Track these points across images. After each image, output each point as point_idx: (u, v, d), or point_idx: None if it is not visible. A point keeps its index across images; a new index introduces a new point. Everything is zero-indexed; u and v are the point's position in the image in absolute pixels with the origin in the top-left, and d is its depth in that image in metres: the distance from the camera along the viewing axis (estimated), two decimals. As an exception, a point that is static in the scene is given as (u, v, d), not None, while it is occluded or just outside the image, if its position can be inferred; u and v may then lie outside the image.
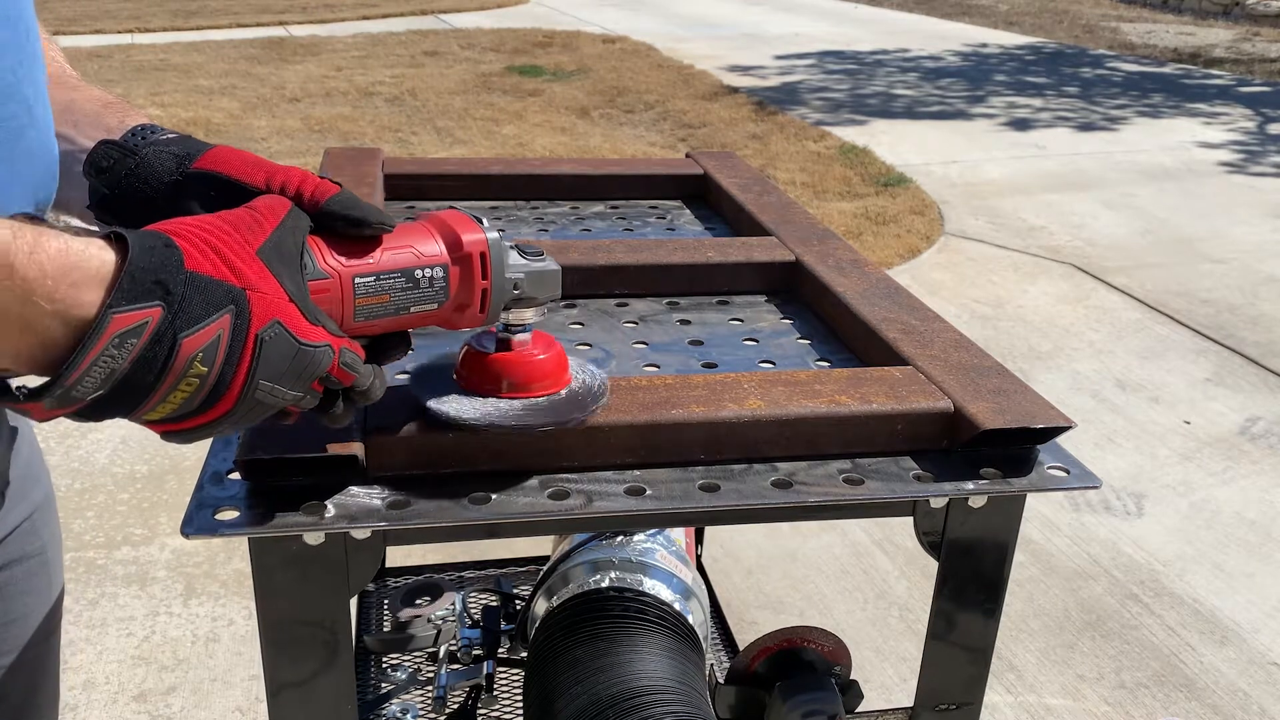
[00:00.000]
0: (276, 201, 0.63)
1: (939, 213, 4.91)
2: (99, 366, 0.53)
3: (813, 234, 1.19)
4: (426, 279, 0.67)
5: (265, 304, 0.58)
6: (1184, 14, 12.26)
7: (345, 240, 0.65)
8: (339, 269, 0.64)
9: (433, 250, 0.68)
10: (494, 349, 0.75)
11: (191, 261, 0.56)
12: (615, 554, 1.05)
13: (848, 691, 0.99)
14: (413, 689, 1.37)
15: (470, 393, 0.75)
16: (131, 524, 2.45)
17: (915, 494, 0.77)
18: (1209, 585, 2.36)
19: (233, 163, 0.68)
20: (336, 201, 0.65)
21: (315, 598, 0.71)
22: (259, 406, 0.59)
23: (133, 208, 0.68)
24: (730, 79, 7.86)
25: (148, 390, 0.55)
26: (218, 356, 0.56)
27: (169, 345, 0.54)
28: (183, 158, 0.69)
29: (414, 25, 10.43)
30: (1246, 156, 6.05)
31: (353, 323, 0.65)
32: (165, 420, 0.58)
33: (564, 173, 1.43)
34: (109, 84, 7.22)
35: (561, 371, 0.76)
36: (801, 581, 2.35)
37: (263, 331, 0.57)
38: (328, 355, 0.61)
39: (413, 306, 0.67)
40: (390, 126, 6.24)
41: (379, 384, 0.65)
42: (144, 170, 0.69)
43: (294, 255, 0.61)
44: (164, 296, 0.54)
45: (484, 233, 0.69)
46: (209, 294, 0.56)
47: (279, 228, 0.61)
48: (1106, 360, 3.45)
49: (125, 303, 0.53)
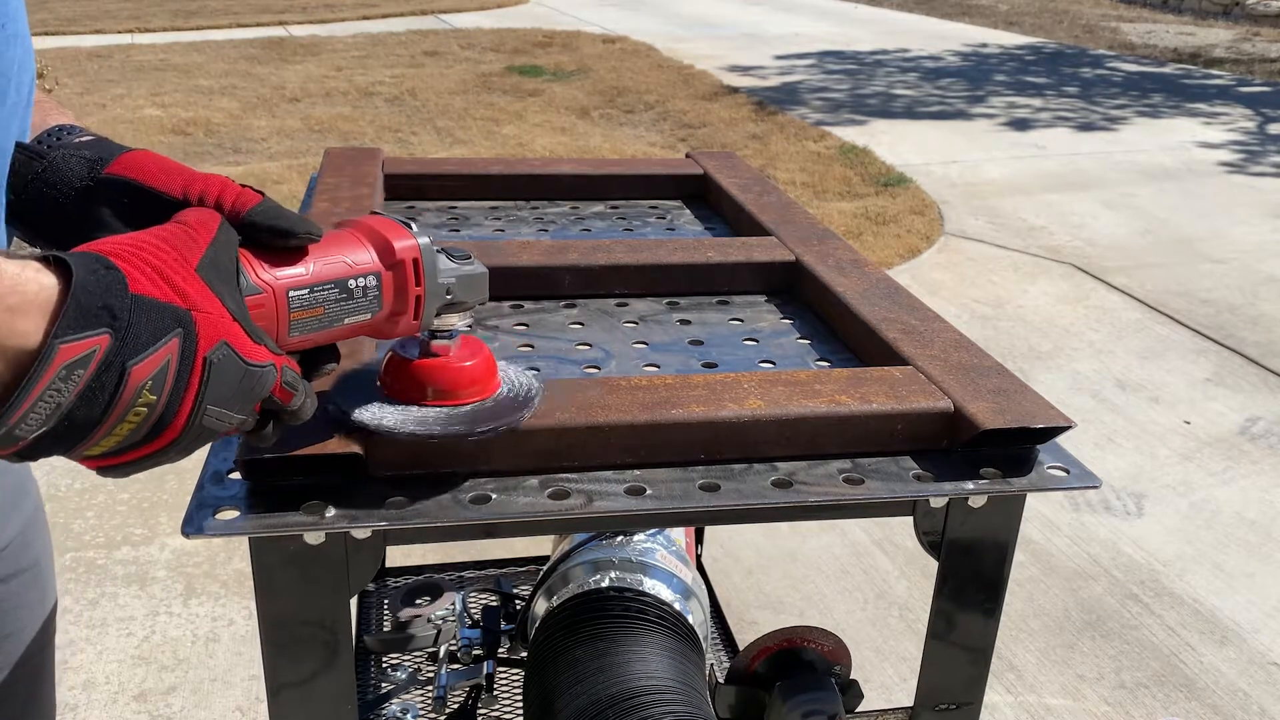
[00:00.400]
0: (206, 214, 0.60)
1: (939, 213, 4.91)
2: (44, 401, 0.49)
3: (813, 234, 1.19)
4: (360, 289, 0.65)
5: (211, 325, 0.55)
6: (1184, 14, 12.25)
7: (272, 252, 0.62)
8: (271, 283, 0.61)
9: (364, 259, 0.66)
10: (418, 355, 0.72)
11: (135, 284, 0.53)
12: (615, 554, 1.05)
13: (848, 691, 0.99)
14: (413, 689, 1.37)
15: (394, 401, 0.72)
16: (131, 524, 2.45)
17: (915, 494, 0.77)
18: (1209, 585, 2.36)
19: (148, 169, 0.64)
20: (259, 212, 0.62)
21: (315, 598, 0.71)
22: (205, 433, 0.56)
23: (41, 216, 0.65)
24: (730, 79, 7.86)
25: (94, 424, 0.52)
26: (166, 383, 0.53)
27: (117, 374, 0.51)
28: (94, 162, 0.65)
29: (414, 25, 10.43)
30: (1246, 156, 6.05)
31: (287, 338, 0.62)
32: (106, 454, 0.55)
33: (564, 173, 1.43)
34: (109, 84, 7.22)
35: (490, 377, 0.74)
36: (801, 581, 2.35)
37: (210, 354, 0.55)
38: (272, 375, 0.58)
39: (347, 318, 0.65)
40: (390, 126, 6.24)
41: (310, 402, 0.63)
42: (52, 175, 0.65)
43: (231, 272, 0.58)
44: (110, 322, 0.51)
45: (415, 238, 0.68)
46: (155, 318, 0.53)
47: (213, 243, 0.58)
48: (1106, 360, 3.45)
49: (72, 331, 0.49)
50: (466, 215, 1.34)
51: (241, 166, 5.35)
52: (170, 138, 5.91)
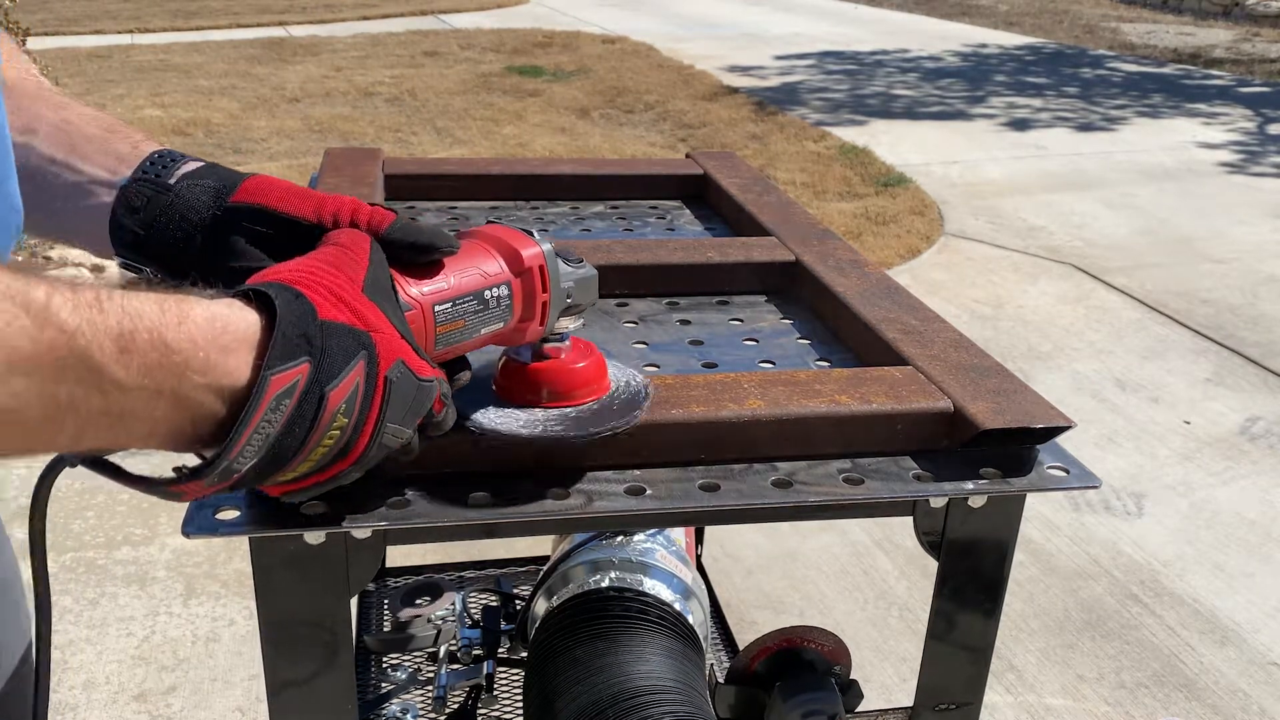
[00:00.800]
0: (357, 235, 0.60)
1: (939, 213, 4.91)
2: (258, 433, 0.51)
3: (813, 234, 1.19)
4: (494, 299, 0.66)
5: (387, 345, 0.56)
6: (1184, 14, 12.26)
7: (411, 267, 0.63)
8: (419, 299, 0.62)
9: (495, 269, 0.67)
10: (531, 358, 0.73)
11: (323, 310, 0.54)
12: (615, 554, 1.05)
13: (848, 691, 0.99)
14: (413, 689, 1.37)
15: (509, 403, 0.73)
16: (131, 524, 2.45)
17: (915, 494, 0.77)
18: (1209, 585, 2.36)
19: (274, 194, 0.65)
20: (399, 229, 0.63)
21: (315, 598, 0.71)
22: (381, 451, 0.57)
23: (171, 248, 0.65)
24: (730, 79, 7.86)
25: (296, 450, 0.53)
26: (356, 405, 0.54)
27: (316, 400, 0.52)
28: (219, 191, 0.66)
29: (414, 25, 10.43)
30: (1246, 156, 6.06)
31: (434, 352, 0.63)
32: (297, 479, 0.56)
33: (564, 173, 1.43)
34: (109, 84, 7.23)
35: (601, 378, 0.75)
36: (801, 581, 2.35)
37: (390, 373, 0.56)
38: (435, 389, 0.59)
39: (483, 328, 0.66)
40: (390, 126, 6.24)
41: (452, 413, 0.64)
42: (181, 207, 0.65)
43: (389, 290, 0.59)
44: (309, 350, 0.52)
45: (539, 245, 0.68)
46: (344, 342, 0.54)
47: (371, 263, 0.58)
48: (1106, 360, 3.45)
49: (279, 362, 0.51)
50: (466, 215, 1.34)
51: (242, 167, 5.34)
52: (170, 138, 5.90)
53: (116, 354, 0.47)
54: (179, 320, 0.49)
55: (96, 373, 0.46)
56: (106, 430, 0.48)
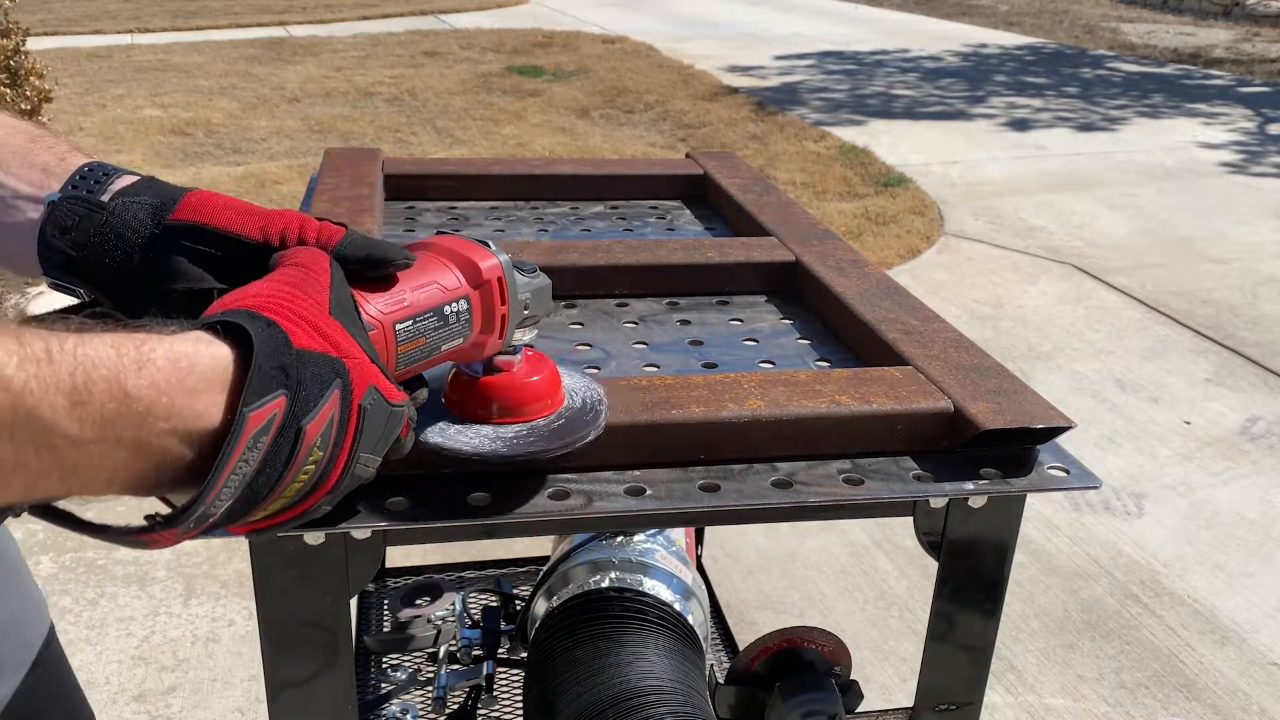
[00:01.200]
0: (317, 254, 0.57)
1: (939, 213, 4.91)
2: (235, 474, 0.48)
3: (813, 234, 1.19)
4: (454, 314, 0.63)
5: (360, 371, 0.53)
6: (1184, 14, 12.26)
7: (364, 282, 0.59)
8: (380, 317, 0.59)
9: (453, 282, 0.64)
10: (482, 371, 0.70)
11: (296, 338, 0.51)
12: (615, 554, 1.05)
13: (848, 691, 0.99)
14: (413, 689, 1.37)
15: (459, 419, 0.70)
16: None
17: (915, 494, 0.77)
18: (1209, 585, 2.36)
19: (217, 210, 0.61)
20: (349, 244, 0.59)
21: (315, 598, 0.71)
22: (353, 481, 0.55)
23: (103, 269, 0.60)
24: (730, 79, 7.86)
25: (270, 489, 0.50)
26: (331, 436, 0.51)
27: (293, 435, 0.49)
28: (157, 208, 0.61)
29: (414, 25, 10.43)
30: (1246, 156, 6.06)
31: (396, 372, 0.60)
32: (268, 516, 0.53)
33: (564, 173, 1.43)
34: (109, 84, 7.23)
35: (555, 391, 0.72)
36: (801, 581, 2.35)
37: (363, 400, 0.53)
38: (404, 414, 0.57)
39: (443, 345, 0.63)
40: (390, 127, 6.24)
41: (413, 436, 0.61)
42: (116, 226, 0.60)
43: (353, 311, 0.56)
44: (285, 382, 0.49)
45: (496, 256, 0.66)
46: (319, 371, 0.51)
47: (332, 283, 0.55)
48: (1107, 360, 3.45)
49: (255, 398, 0.48)
50: (466, 215, 1.34)
51: (242, 167, 5.35)
52: (170, 138, 5.91)
53: (69, 408, 0.44)
54: (138, 365, 0.46)
55: (47, 431, 0.43)
56: (59, 483, 0.46)
